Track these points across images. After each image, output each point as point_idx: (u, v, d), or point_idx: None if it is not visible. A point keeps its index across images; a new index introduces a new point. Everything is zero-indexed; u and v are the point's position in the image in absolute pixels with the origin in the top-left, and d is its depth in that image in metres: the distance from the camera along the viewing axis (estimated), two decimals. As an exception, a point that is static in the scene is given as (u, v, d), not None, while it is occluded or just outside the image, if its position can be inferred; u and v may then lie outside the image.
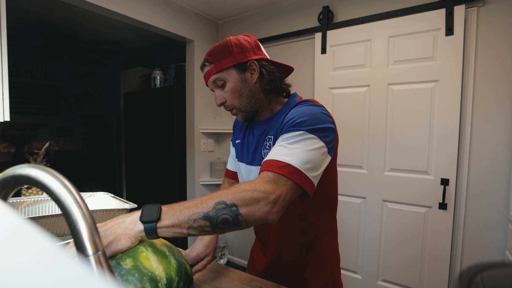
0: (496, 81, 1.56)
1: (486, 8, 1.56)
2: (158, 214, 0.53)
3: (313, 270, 0.85)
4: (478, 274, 0.32)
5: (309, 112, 0.69)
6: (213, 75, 0.79)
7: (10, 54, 1.45)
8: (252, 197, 0.55)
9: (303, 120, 0.67)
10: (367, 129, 1.91)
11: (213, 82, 0.80)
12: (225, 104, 0.82)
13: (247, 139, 0.91)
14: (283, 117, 0.77)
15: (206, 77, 0.82)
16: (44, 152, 1.30)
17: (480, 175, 1.61)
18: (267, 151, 0.79)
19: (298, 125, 0.67)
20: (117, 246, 0.50)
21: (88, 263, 0.30)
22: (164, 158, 2.91)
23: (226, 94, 0.80)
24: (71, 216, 0.31)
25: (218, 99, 0.82)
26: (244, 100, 0.80)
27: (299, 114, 0.69)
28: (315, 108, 0.72)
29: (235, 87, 0.79)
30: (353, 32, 1.92)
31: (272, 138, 0.79)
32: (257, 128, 0.87)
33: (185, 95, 2.60)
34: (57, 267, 0.16)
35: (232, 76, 0.79)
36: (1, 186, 0.33)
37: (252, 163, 0.85)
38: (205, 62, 0.81)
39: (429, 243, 1.73)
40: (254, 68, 0.79)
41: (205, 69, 0.81)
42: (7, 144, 3.85)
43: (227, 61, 0.77)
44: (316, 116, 0.69)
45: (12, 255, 0.15)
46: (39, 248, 0.17)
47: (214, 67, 0.78)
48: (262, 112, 0.85)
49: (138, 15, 1.99)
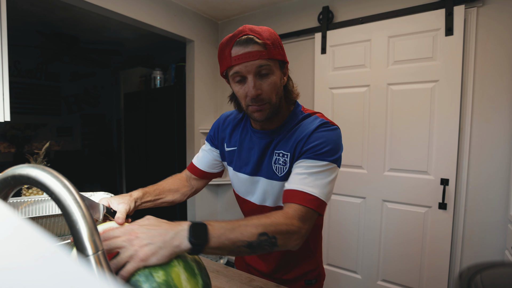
0: (495, 81, 1.56)
1: (485, 8, 1.56)
2: (207, 236, 0.53)
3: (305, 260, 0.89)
4: (477, 274, 0.32)
5: (333, 140, 0.73)
6: (264, 59, 0.68)
7: (10, 54, 1.45)
8: (289, 232, 0.62)
9: (329, 150, 0.71)
10: (367, 129, 1.91)
11: (259, 67, 0.68)
12: (261, 96, 0.71)
13: (247, 147, 0.85)
14: (297, 133, 0.76)
15: (252, 57, 0.67)
16: (44, 152, 1.31)
17: (480, 175, 1.61)
18: (281, 166, 0.77)
19: (323, 154, 0.71)
20: (157, 260, 0.48)
21: (88, 263, 0.30)
22: (164, 158, 2.91)
23: (267, 86, 0.71)
24: (71, 216, 0.31)
25: (255, 89, 0.69)
26: (278, 97, 0.75)
27: (325, 142, 0.72)
28: (336, 133, 0.75)
29: (277, 82, 0.72)
30: (353, 32, 1.92)
31: (288, 155, 0.76)
32: (262, 136, 0.82)
33: (185, 95, 2.60)
34: (57, 267, 0.16)
35: (277, 69, 0.72)
36: (1, 186, 0.33)
37: (257, 174, 0.82)
38: (256, 39, 0.67)
39: (429, 243, 1.73)
40: (285, 71, 0.77)
41: (253, 47, 0.67)
42: (8, 144, 3.86)
43: (277, 52, 0.71)
44: (337, 144, 0.74)
45: (12, 254, 0.15)
46: (39, 248, 0.17)
47: (267, 51, 0.68)
48: (276, 117, 0.80)
49: (138, 15, 1.99)
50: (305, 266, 0.89)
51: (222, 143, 0.92)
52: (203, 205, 2.61)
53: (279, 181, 0.78)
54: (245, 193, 0.88)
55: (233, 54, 0.68)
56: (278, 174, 0.78)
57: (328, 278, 2.11)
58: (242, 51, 0.67)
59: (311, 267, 0.90)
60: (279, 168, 0.78)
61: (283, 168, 0.77)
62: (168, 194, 0.89)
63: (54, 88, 4.30)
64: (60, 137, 4.40)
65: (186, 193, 0.96)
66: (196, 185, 0.99)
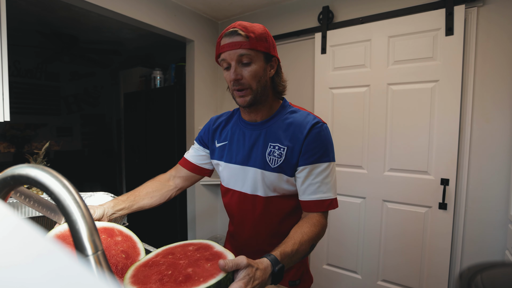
0: (496, 81, 1.56)
1: (486, 8, 1.56)
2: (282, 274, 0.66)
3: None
4: (478, 274, 0.32)
5: (328, 138, 0.84)
6: (245, 49, 0.76)
7: (10, 54, 1.45)
8: (321, 235, 0.80)
9: (327, 150, 0.82)
10: (367, 129, 1.91)
11: (239, 55, 0.77)
12: (241, 81, 0.79)
13: (237, 140, 0.90)
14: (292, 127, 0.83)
15: (234, 47, 0.76)
16: (44, 152, 1.30)
17: (480, 175, 1.61)
18: (275, 158, 0.83)
19: (325, 156, 0.81)
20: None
21: (87, 263, 0.30)
22: (164, 158, 2.91)
23: (247, 73, 0.78)
24: (70, 216, 0.31)
25: (235, 74, 0.78)
26: (260, 86, 0.81)
27: (324, 143, 0.82)
28: (328, 130, 0.85)
29: (259, 71, 0.80)
30: (353, 32, 1.92)
31: (285, 149, 0.82)
32: (252, 128, 0.88)
33: (185, 95, 2.60)
34: (57, 267, 0.16)
35: (260, 60, 0.80)
36: (0, 186, 0.33)
37: (248, 164, 0.87)
38: (240, 32, 0.76)
39: (429, 243, 1.73)
40: (273, 64, 0.84)
41: (236, 38, 0.76)
42: (7, 144, 3.85)
43: (262, 44, 0.78)
44: (331, 141, 0.85)
45: (11, 254, 0.15)
46: (38, 248, 0.17)
47: (249, 42, 0.76)
48: (263, 108, 0.86)
49: (138, 15, 1.99)
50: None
51: (213, 141, 0.97)
52: (203, 205, 2.61)
53: (272, 172, 0.83)
54: (235, 183, 0.91)
55: (222, 43, 0.79)
56: (272, 165, 0.83)
57: (328, 278, 2.11)
58: (227, 41, 0.78)
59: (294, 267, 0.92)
60: (273, 159, 0.83)
61: (277, 160, 0.83)
62: (145, 198, 0.94)
63: (54, 88, 4.30)
64: (60, 137, 4.40)
65: (167, 194, 0.99)
66: (180, 184, 1.02)
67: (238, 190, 0.90)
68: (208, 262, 0.60)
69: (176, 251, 0.67)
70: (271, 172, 0.83)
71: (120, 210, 0.87)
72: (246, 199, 0.89)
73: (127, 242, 0.75)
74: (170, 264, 0.61)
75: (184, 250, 0.66)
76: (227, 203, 0.96)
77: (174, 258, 0.64)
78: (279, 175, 0.83)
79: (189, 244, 0.70)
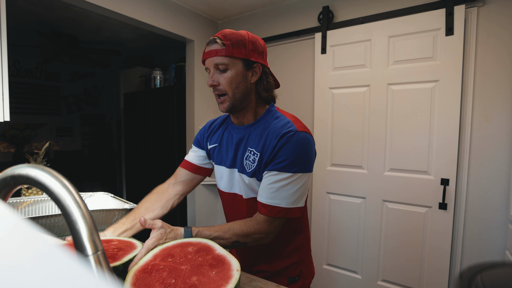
0: (496, 81, 1.56)
1: (486, 8, 1.56)
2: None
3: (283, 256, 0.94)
4: (478, 274, 0.32)
5: (298, 151, 0.78)
6: (220, 56, 0.79)
7: (10, 54, 1.45)
8: (258, 238, 0.81)
9: (291, 162, 0.77)
10: (367, 129, 1.91)
11: (216, 63, 0.80)
12: (218, 87, 0.82)
13: (226, 142, 0.92)
14: (266, 133, 0.82)
15: (211, 55, 0.80)
16: (44, 152, 1.30)
17: (480, 175, 1.61)
18: (250, 163, 0.84)
19: (287, 167, 0.78)
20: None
21: (87, 263, 0.30)
22: (164, 158, 2.91)
23: (223, 80, 0.81)
24: (70, 216, 0.31)
25: (212, 80, 0.82)
26: (237, 92, 0.82)
27: (288, 154, 0.78)
28: (303, 143, 0.79)
29: (235, 78, 0.81)
30: (353, 32, 1.92)
31: (258, 156, 0.82)
32: (238, 131, 0.89)
33: (185, 95, 2.60)
34: (57, 267, 0.15)
35: (237, 67, 0.80)
36: (0, 186, 0.33)
37: (233, 167, 0.89)
38: (217, 40, 0.79)
39: (429, 243, 1.73)
40: (256, 71, 0.84)
41: (214, 46, 0.79)
42: (7, 144, 3.85)
43: (239, 51, 0.79)
44: (303, 154, 0.79)
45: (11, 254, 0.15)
46: (38, 248, 0.17)
47: (225, 49, 0.78)
48: (247, 112, 0.87)
49: (138, 15, 1.99)
50: (284, 262, 0.93)
51: (207, 143, 0.99)
52: (203, 205, 2.61)
53: (248, 176, 0.84)
54: (226, 185, 0.92)
55: (204, 51, 0.83)
56: (247, 169, 0.85)
57: (328, 278, 2.11)
58: (207, 49, 0.81)
59: (291, 262, 0.94)
60: (248, 164, 0.84)
61: (251, 165, 0.84)
62: (145, 213, 0.92)
63: (53, 88, 4.30)
64: (60, 137, 4.40)
65: (168, 203, 0.98)
66: (182, 190, 1.02)
67: (227, 192, 0.93)
68: (212, 269, 0.60)
69: (175, 252, 0.65)
70: (247, 176, 0.85)
71: (122, 233, 0.84)
72: (234, 200, 0.92)
73: (123, 243, 0.75)
74: (172, 270, 0.59)
75: (184, 252, 0.65)
76: (222, 203, 0.99)
77: (175, 261, 0.62)
78: (254, 179, 0.84)
79: (187, 243, 0.69)
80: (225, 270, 0.60)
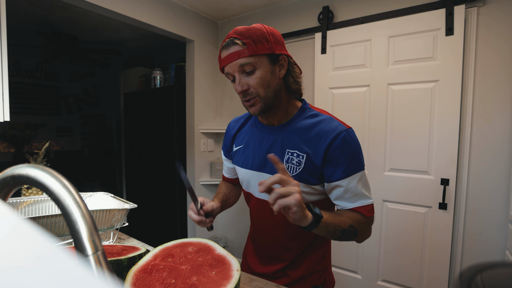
0: (496, 81, 1.56)
1: (486, 8, 1.56)
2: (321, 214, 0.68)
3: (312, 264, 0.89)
4: (478, 274, 0.32)
5: (358, 146, 0.78)
6: (245, 57, 0.71)
7: (10, 54, 1.45)
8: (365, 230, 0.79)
9: (358, 159, 0.77)
10: (367, 129, 1.91)
11: (240, 65, 0.72)
12: (248, 91, 0.75)
13: (253, 144, 0.87)
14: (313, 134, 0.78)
15: (233, 58, 0.72)
16: (44, 152, 1.30)
17: (480, 175, 1.61)
18: (294, 166, 0.79)
19: (357, 166, 0.77)
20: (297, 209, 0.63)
21: (87, 263, 0.30)
22: (164, 158, 2.91)
23: (253, 81, 0.74)
24: (70, 216, 0.31)
25: (240, 85, 0.74)
26: (270, 91, 0.76)
27: (354, 153, 0.77)
28: (355, 137, 0.79)
29: (265, 77, 0.74)
30: (353, 32, 1.92)
31: (304, 157, 0.77)
32: (270, 132, 0.84)
33: (185, 95, 2.60)
34: (57, 267, 0.15)
35: (264, 65, 0.74)
36: (0, 186, 0.33)
37: (263, 170, 0.83)
38: (236, 40, 0.71)
39: (429, 243, 1.73)
40: (283, 64, 0.78)
41: (234, 48, 0.72)
42: (7, 144, 3.85)
43: (262, 47, 0.72)
44: (360, 147, 0.79)
45: (11, 254, 0.15)
46: (38, 248, 0.17)
47: (247, 49, 0.71)
48: (279, 111, 0.81)
49: (138, 15, 1.99)
50: (310, 269, 0.88)
51: (232, 146, 0.96)
52: (203, 205, 2.61)
53: None
54: (254, 189, 0.87)
55: (222, 57, 0.75)
56: (291, 173, 0.78)
57: (328, 278, 2.11)
58: (226, 53, 0.74)
59: (317, 269, 0.89)
60: (292, 167, 0.78)
61: (296, 168, 0.78)
62: (230, 198, 1.04)
63: (53, 88, 4.30)
64: (60, 137, 4.40)
65: (238, 192, 1.10)
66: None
67: (256, 196, 0.87)
68: (212, 270, 0.60)
69: (175, 252, 0.65)
70: None
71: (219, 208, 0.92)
72: (264, 206, 0.85)
73: (126, 246, 0.75)
74: (171, 270, 0.59)
75: (184, 252, 0.65)
76: (250, 207, 0.95)
77: (174, 261, 0.62)
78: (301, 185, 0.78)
79: (187, 243, 0.69)
80: (225, 270, 0.59)
